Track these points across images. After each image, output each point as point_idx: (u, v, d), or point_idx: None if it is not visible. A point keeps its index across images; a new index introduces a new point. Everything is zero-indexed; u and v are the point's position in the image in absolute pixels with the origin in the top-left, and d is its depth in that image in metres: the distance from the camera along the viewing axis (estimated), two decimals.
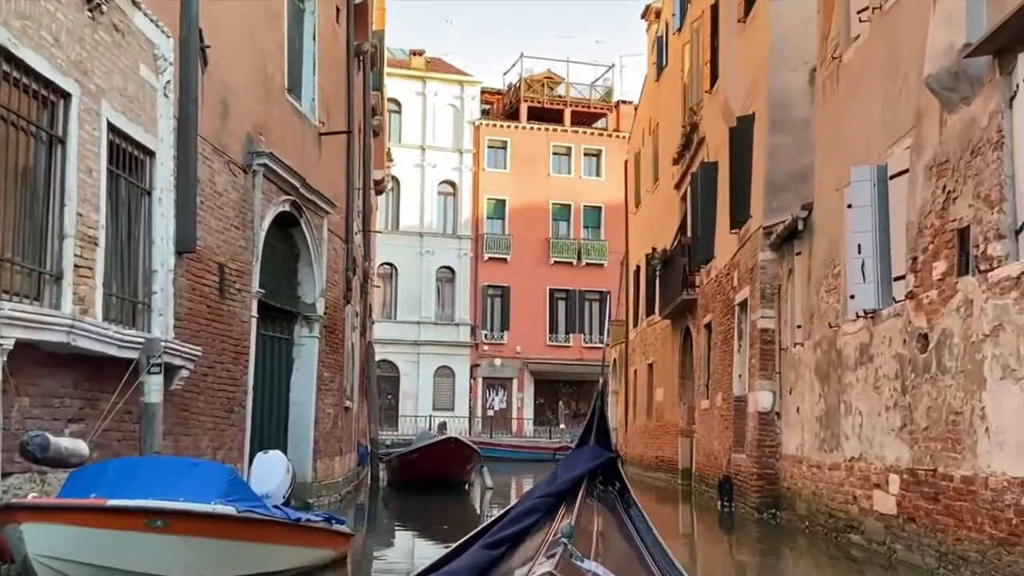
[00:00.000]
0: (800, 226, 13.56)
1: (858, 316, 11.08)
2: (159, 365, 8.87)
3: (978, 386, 8.04)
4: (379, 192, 32.86)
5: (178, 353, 10.10)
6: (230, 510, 6.87)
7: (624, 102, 49.99)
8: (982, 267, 8.00)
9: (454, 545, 3.71)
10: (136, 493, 6.72)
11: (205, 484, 7.06)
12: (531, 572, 2.25)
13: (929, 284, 9.19)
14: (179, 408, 10.64)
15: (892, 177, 10.31)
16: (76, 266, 8.68)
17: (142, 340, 9.01)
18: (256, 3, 13.34)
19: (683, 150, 24.13)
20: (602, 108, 52.43)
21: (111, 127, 9.37)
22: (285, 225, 14.58)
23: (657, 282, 26.93)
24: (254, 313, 12.88)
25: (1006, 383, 7.56)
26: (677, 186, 25.41)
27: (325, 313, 15.70)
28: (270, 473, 8.94)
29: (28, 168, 8.30)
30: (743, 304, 16.85)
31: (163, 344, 9.07)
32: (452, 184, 48.20)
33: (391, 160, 37.12)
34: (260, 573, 7.52)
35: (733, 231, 17.60)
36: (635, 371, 32.71)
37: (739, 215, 17.01)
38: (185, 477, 7.17)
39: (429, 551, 12.48)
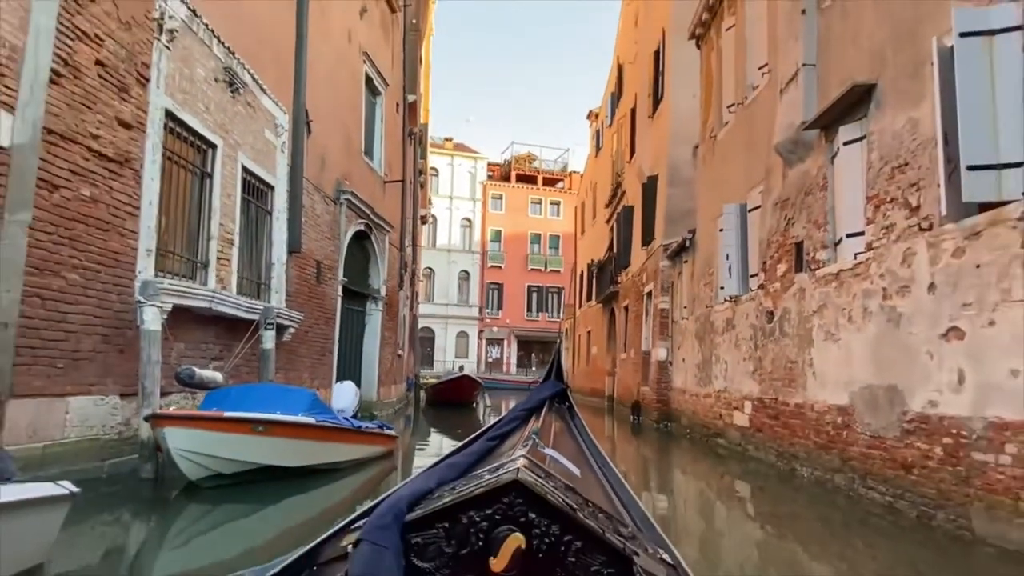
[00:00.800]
0: (687, 244, 12.94)
1: (725, 300, 10.46)
2: (272, 324, 8.20)
3: (808, 344, 7.42)
4: (424, 223, 32.18)
5: (287, 317, 9.41)
6: (310, 420, 6.22)
7: (574, 172, 49.40)
8: (812, 267, 7.38)
9: (467, 439, 3.38)
10: (248, 408, 6.07)
11: (295, 402, 6.37)
12: (513, 454, 2.06)
13: (774, 279, 8.57)
14: (288, 353, 9.93)
15: (750, 211, 9.67)
16: (218, 258, 8.02)
17: (261, 307, 8.33)
18: (344, 97, 12.65)
19: (611, 199, 23.48)
20: (561, 175, 51.55)
21: (245, 169, 8.70)
22: (361, 238, 13.87)
23: (594, 281, 26.35)
24: (339, 294, 12.19)
25: (828, 343, 6.95)
26: (607, 221, 24.74)
27: (386, 295, 15.01)
28: (344, 395, 8.24)
29: (189, 193, 7.65)
30: (649, 293, 16.25)
31: (275, 311, 8.37)
32: (469, 220, 47.40)
33: (431, 203, 36.60)
34: (332, 462, 6.81)
35: (643, 248, 16.98)
36: (579, 336, 32.08)
37: (647, 238, 16.38)
38: (281, 398, 6.45)
39: (449, 443, 11.88)
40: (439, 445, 12.60)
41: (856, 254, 6.48)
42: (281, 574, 1.81)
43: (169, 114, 6.99)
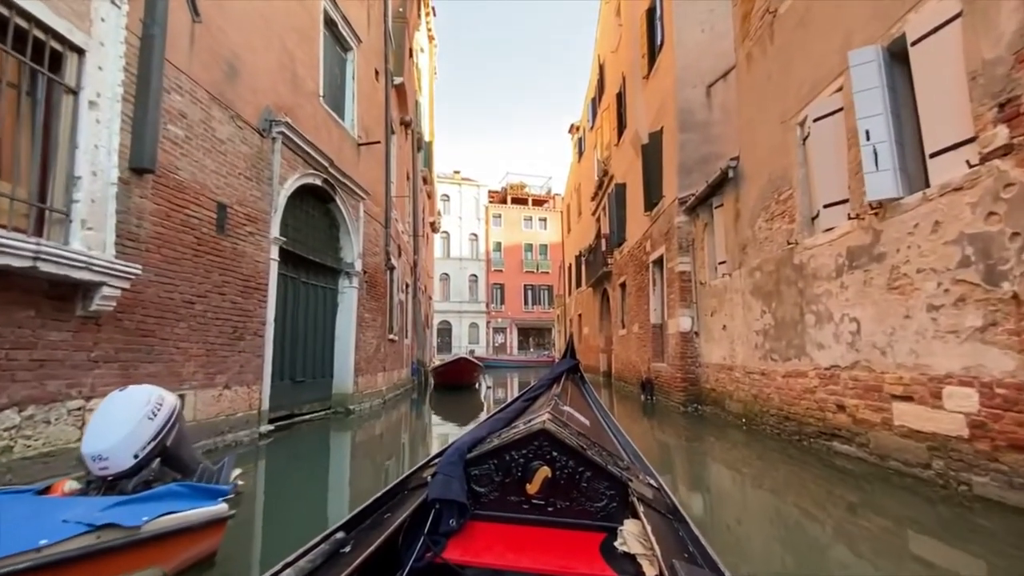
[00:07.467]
0: (729, 175, 7.12)
1: (851, 218, 4.58)
2: None
3: None
4: (435, 230, 26.54)
5: (88, 265, 3.66)
6: None
7: (556, 195, 44.18)
8: None
9: (509, 401, 2.61)
10: None
11: None
12: (541, 411, 1.89)
13: None
14: (125, 332, 4.10)
15: (915, 43, 3.86)
16: None
17: None
18: (283, 16, 6.89)
19: (597, 190, 17.72)
20: (546, 197, 45.99)
21: None
22: (324, 200, 8.13)
23: (583, 268, 20.48)
24: (273, 256, 6.37)
25: None
26: (593, 213, 18.98)
27: (364, 271, 9.22)
28: (115, 420, 2.15)
29: None
30: (658, 260, 10.44)
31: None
32: (475, 235, 41.86)
33: (440, 214, 31.22)
34: None
35: (646, 214, 11.16)
36: (571, 319, 26.14)
37: (653, 200, 10.58)
38: None
39: (449, 422, 6.05)
40: (444, 436, 6.81)
41: None
42: (383, 497, 1.79)
43: None
